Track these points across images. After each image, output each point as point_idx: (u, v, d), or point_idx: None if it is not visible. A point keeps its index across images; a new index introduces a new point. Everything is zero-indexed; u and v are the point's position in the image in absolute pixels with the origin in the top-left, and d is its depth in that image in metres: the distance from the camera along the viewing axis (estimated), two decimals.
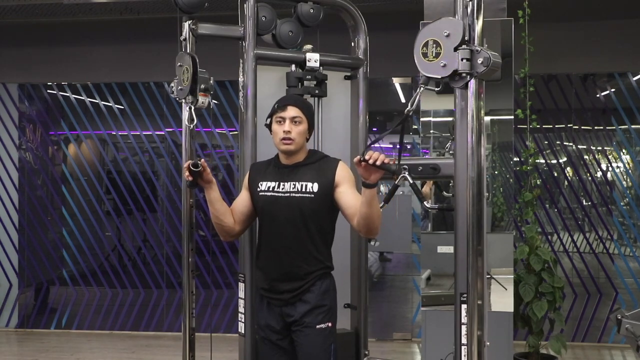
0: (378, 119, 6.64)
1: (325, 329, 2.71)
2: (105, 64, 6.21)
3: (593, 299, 5.70)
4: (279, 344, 2.78)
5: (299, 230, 2.68)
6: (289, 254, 2.70)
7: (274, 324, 2.77)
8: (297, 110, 2.72)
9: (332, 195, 2.68)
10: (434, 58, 2.12)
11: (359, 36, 3.49)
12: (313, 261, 2.71)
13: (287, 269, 2.71)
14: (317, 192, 2.67)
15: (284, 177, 2.73)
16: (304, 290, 2.71)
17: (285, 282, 2.72)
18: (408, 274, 6.54)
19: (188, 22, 3.05)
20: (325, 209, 2.70)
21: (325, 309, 2.72)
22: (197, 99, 2.97)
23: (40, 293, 6.43)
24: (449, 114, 3.92)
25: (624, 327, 2.59)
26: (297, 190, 2.69)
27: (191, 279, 3.20)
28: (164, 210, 6.36)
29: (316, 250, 2.71)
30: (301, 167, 2.74)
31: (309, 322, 2.70)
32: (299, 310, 2.71)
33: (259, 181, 2.78)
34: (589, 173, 5.89)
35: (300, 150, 2.75)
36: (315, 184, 2.68)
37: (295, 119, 2.71)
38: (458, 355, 2.24)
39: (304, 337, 2.70)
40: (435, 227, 4.06)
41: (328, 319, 2.72)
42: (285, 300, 2.73)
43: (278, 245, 2.72)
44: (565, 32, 5.54)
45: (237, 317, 3.19)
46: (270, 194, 2.73)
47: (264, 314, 2.82)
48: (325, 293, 2.73)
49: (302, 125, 2.72)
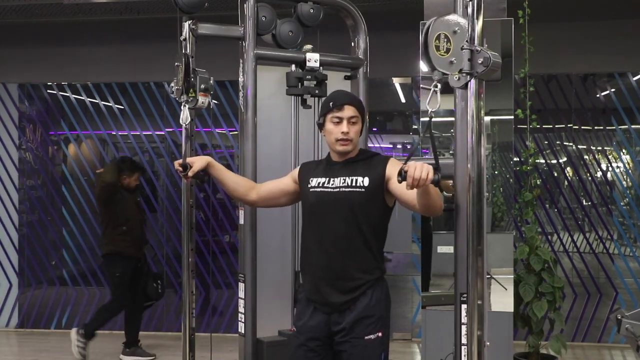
0: (378, 119, 6.64)
1: (375, 339, 2.58)
2: (105, 64, 6.21)
3: (593, 299, 5.70)
4: (317, 351, 2.65)
5: (349, 227, 2.58)
6: (339, 253, 2.59)
7: (317, 331, 2.64)
8: (354, 109, 2.63)
9: (383, 190, 2.59)
10: (444, 53, 2.08)
11: (359, 36, 3.49)
12: (364, 262, 2.60)
13: (338, 272, 2.60)
14: (368, 186, 2.59)
15: (334, 172, 2.66)
16: (354, 299, 2.59)
17: (334, 288, 2.60)
18: (408, 274, 6.53)
19: (188, 22, 3.05)
20: (376, 204, 2.60)
21: (375, 319, 2.59)
22: (197, 98, 2.98)
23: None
24: (449, 114, 3.92)
25: (624, 327, 2.59)
26: (347, 185, 2.60)
27: (191, 279, 3.21)
28: (164, 210, 6.36)
29: (367, 249, 2.60)
30: (352, 163, 2.66)
31: (358, 332, 2.58)
32: (347, 320, 2.59)
33: (310, 177, 2.70)
34: (589, 173, 5.89)
35: (356, 146, 2.69)
36: (366, 177, 2.59)
37: (352, 119, 2.62)
38: (458, 355, 2.24)
39: (351, 347, 2.58)
40: (435, 227, 4.06)
41: (378, 329, 2.60)
42: (335, 307, 2.61)
43: (328, 244, 2.60)
44: (565, 32, 5.54)
45: (237, 317, 3.19)
46: (320, 189, 2.65)
47: (306, 318, 2.67)
48: (377, 303, 2.61)
49: (359, 125, 2.64)
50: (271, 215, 3.41)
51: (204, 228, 6.11)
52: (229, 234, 6.25)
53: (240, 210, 3.20)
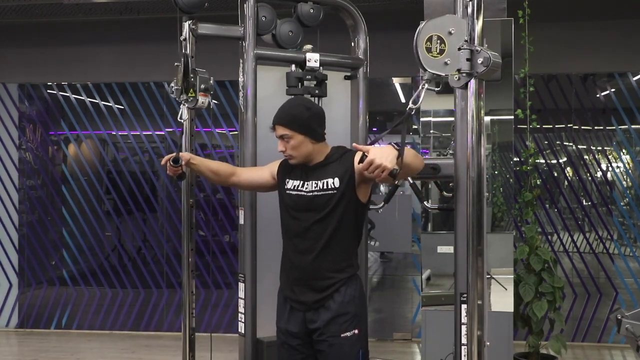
0: (378, 119, 6.64)
1: (352, 336, 2.63)
2: (105, 64, 6.21)
3: (593, 299, 5.70)
4: (299, 349, 2.71)
5: (321, 228, 2.63)
6: (310, 254, 2.64)
7: (295, 329, 2.70)
8: (282, 128, 2.66)
9: (355, 185, 2.62)
10: (437, 54, 2.09)
11: (359, 36, 3.49)
12: (336, 262, 2.65)
13: (310, 271, 2.65)
14: (339, 187, 2.62)
15: (308, 176, 2.69)
16: (327, 297, 2.63)
17: (308, 287, 2.66)
18: (408, 274, 6.53)
19: (188, 22, 3.05)
20: (348, 203, 2.63)
21: (350, 316, 2.63)
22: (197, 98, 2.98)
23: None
24: (449, 114, 3.92)
25: (624, 327, 2.59)
26: (320, 189, 2.64)
27: (191, 279, 3.21)
28: (164, 210, 6.36)
29: (340, 249, 2.64)
30: (323, 166, 2.69)
31: (334, 331, 2.62)
32: (322, 318, 2.64)
33: (286, 178, 2.75)
34: (589, 173, 5.89)
35: (312, 154, 2.69)
36: (336, 178, 2.63)
37: (284, 137, 2.67)
38: (458, 355, 2.24)
39: (328, 346, 2.62)
40: (435, 227, 4.06)
41: (354, 327, 2.63)
42: (309, 305, 2.66)
43: (300, 245, 2.67)
44: (565, 32, 5.54)
45: (237, 317, 3.19)
46: (295, 192, 2.70)
47: (285, 317, 2.74)
48: (350, 300, 2.64)
49: (294, 140, 2.65)
50: (271, 215, 3.40)
51: (204, 228, 6.11)
52: (229, 234, 6.25)
53: (240, 210, 3.20)
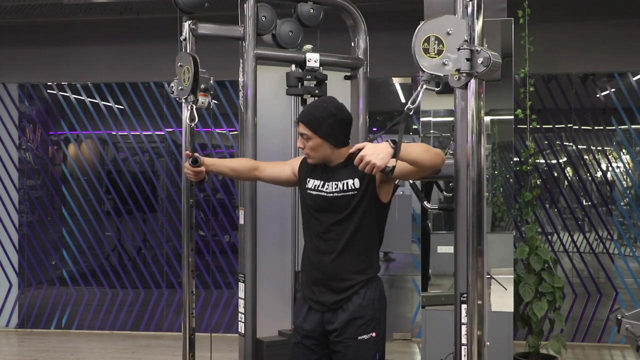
0: (378, 119, 6.64)
1: (369, 339, 2.62)
2: (105, 64, 6.21)
3: (593, 299, 5.70)
4: (314, 349, 2.69)
5: (342, 229, 2.62)
6: (331, 254, 2.63)
7: (312, 330, 2.69)
8: (303, 126, 2.66)
9: (376, 185, 2.61)
10: (435, 55, 2.10)
11: (359, 36, 3.49)
12: (356, 264, 2.63)
13: (330, 272, 2.64)
14: (360, 187, 2.61)
15: (328, 176, 2.69)
16: (346, 298, 2.62)
17: (328, 287, 2.64)
18: (408, 274, 6.53)
19: (188, 22, 3.05)
20: (369, 204, 2.62)
21: (368, 319, 2.62)
22: (197, 98, 2.98)
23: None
24: (449, 114, 3.92)
25: (624, 327, 2.59)
26: (340, 190, 2.63)
27: (191, 279, 3.21)
28: (164, 210, 6.36)
29: (360, 250, 2.63)
30: (343, 167, 2.68)
31: (351, 333, 2.61)
32: (340, 319, 2.62)
33: (307, 177, 2.74)
34: (589, 173, 5.89)
35: (331, 157, 2.68)
36: (356, 179, 2.62)
37: (303, 136, 2.67)
38: (458, 355, 2.24)
39: (344, 347, 2.62)
40: (435, 227, 4.06)
41: (372, 329, 2.63)
42: (327, 306, 2.65)
43: (321, 245, 2.65)
44: (565, 32, 5.53)
45: (237, 317, 3.19)
46: (316, 192, 2.69)
47: (302, 317, 2.73)
48: (369, 303, 2.63)
49: (312, 141, 2.64)
50: (271, 215, 3.41)
51: (204, 228, 6.11)
52: (229, 234, 6.25)
53: (241, 210, 3.21)
